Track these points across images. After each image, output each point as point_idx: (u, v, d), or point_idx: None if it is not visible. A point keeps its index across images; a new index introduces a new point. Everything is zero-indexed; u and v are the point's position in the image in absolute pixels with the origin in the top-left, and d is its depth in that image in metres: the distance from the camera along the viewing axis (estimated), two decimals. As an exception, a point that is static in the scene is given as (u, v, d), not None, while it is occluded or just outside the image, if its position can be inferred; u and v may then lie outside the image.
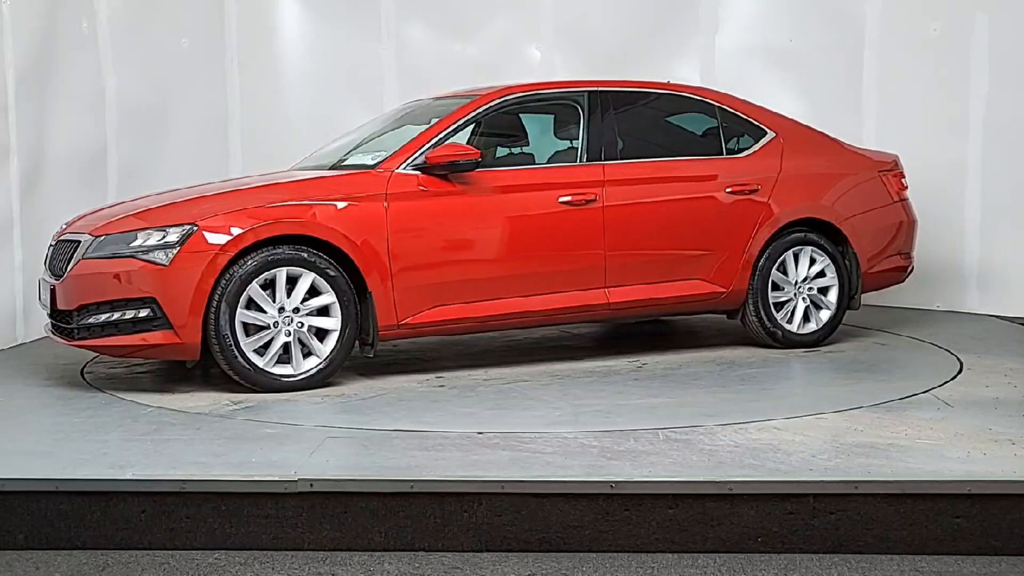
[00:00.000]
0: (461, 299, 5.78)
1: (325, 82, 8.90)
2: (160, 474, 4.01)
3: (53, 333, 5.71)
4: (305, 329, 5.48)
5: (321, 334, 5.54)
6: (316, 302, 5.48)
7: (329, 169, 6.08)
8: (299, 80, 8.96)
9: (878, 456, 4.11)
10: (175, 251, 5.31)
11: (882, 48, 8.19)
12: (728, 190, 6.33)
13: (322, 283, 5.47)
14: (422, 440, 4.42)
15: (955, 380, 5.59)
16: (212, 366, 5.81)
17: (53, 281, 5.66)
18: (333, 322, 5.51)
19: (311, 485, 3.89)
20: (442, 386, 5.63)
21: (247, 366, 5.37)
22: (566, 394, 5.34)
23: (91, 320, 5.41)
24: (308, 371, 5.49)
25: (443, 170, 5.74)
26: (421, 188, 5.73)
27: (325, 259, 5.48)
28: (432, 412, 5.02)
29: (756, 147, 6.52)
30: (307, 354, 5.54)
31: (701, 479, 3.89)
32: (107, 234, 5.49)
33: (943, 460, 4.06)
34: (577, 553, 3.81)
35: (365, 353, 5.71)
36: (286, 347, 5.47)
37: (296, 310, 5.45)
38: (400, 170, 5.74)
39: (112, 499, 3.92)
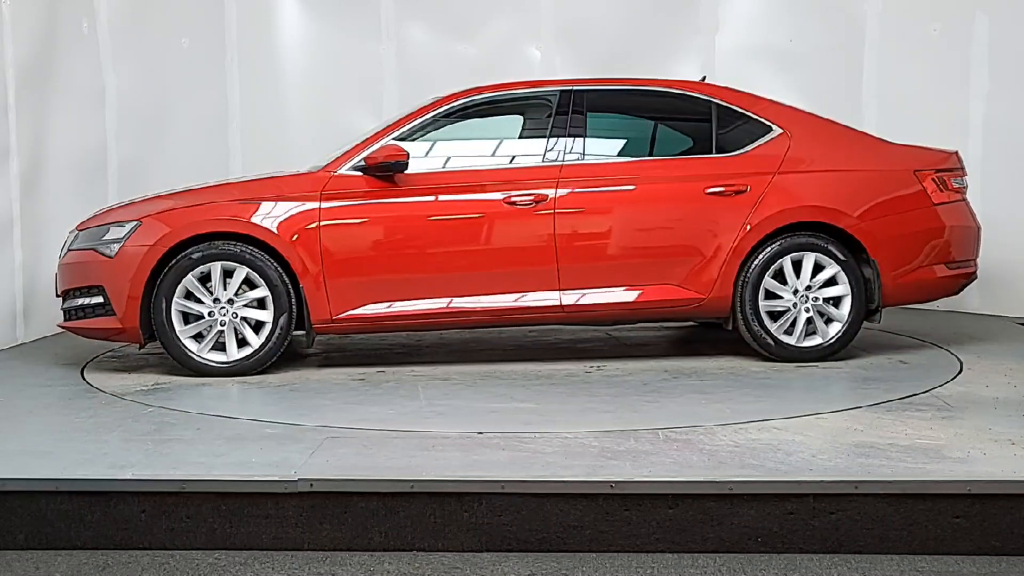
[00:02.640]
0: (398, 297, 5.92)
1: (325, 82, 8.90)
2: (160, 474, 4.01)
3: None
4: (239, 320, 5.86)
5: (260, 326, 5.89)
6: (252, 295, 5.85)
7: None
8: (299, 80, 8.96)
9: (878, 456, 4.11)
10: (120, 245, 5.88)
11: (882, 48, 8.20)
12: (709, 191, 5.98)
13: (256, 277, 5.83)
14: (422, 440, 4.42)
15: (955, 380, 5.58)
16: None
17: None
18: (266, 314, 5.86)
19: (311, 485, 3.89)
20: (361, 379, 5.79)
21: (182, 351, 5.85)
22: (447, 394, 5.35)
23: (69, 304, 6.08)
24: (239, 359, 5.87)
25: (379, 171, 5.92)
26: (367, 189, 5.93)
27: (258, 254, 5.82)
28: (286, 403, 5.26)
29: (754, 145, 6.13)
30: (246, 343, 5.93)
31: (701, 479, 3.89)
32: (84, 229, 6.13)
33: (943, 460, 4.06)
34: (577, 553, 3.82)
35: (307, 345, 6.09)
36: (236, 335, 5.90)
37: (231, 301, 5.85)
38: (342, 171, 5.98)
39: (112, 499, 3.92)
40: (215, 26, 8.75)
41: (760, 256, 5.99)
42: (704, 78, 6.79)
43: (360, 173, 5.95)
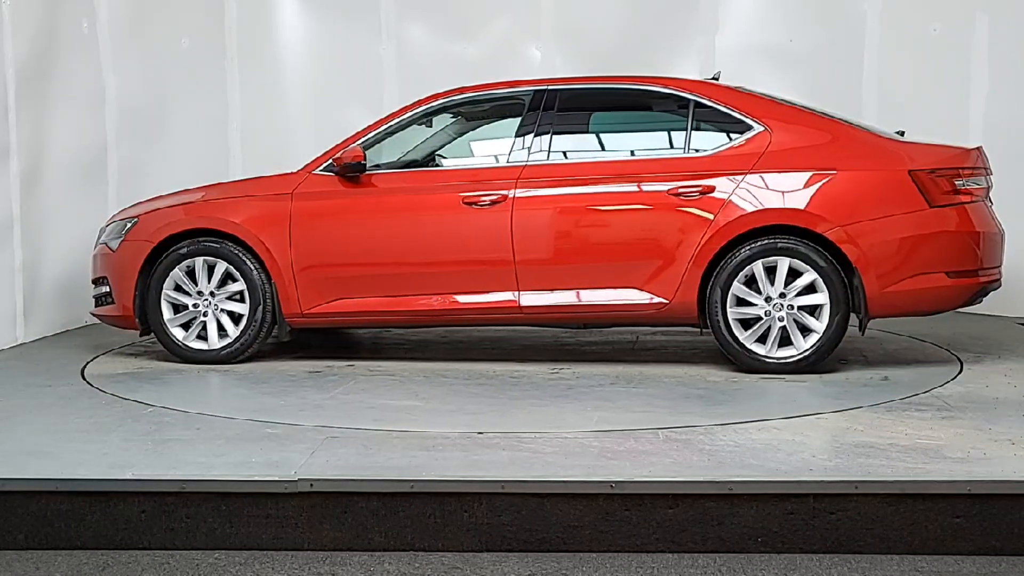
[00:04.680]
0: (360, 294, 6.08)
1: (325, 82, 8.90)
2: (160, 474, 4.01)
3: None
4: (219, 311, 6.21)
5: (242, 318, 6.21)
6: (231, 288, 6.18)
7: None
8: (299, 80, 8.96)
9: (878, 456, 4.11)
10: (120, 240, 6.35)
11: (882, 48, 8.19)
12: (673, 192, 5.75)
13: (234, 271, 6.16)
14: (422, 440, 4.42)
15: (955, 380, 5.58)
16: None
17: None
18: (244, 307, 6.17)
19: (311, 485, 3.89)
20: (316, 372, 6.02)
21: (170, 339, 6.24)
22: (365, 389, 5.50)
23: (94, 293, 6.54)
24: (219, 348, 6.20)
25: (346, 172, 6.09)
26: (335, 189, 6.12)
27: (237, 250, 6.14)
28: (207, 390, 5.70)
29: (730, 143, 5.83)
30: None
31: (701, 479, 3.89)
32: (108, 224, 6.59)
33: (943, 460, 4.06)
34: (577, 553, 3.81)
35: (281, 337, 6.29)
36: (219, 325, 6.24)
37: (212, 294, 6.20)
38: (319, 171, 6.19)
39: (112, 499, 3.92)
40: (215, 26, 8.75)
41: (729, 260, 5.69)
42: (718, 74, 6.65)
43: (332, 174, 6.14)
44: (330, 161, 6.15)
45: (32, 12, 7.19)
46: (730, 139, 5.88)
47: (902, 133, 6.20)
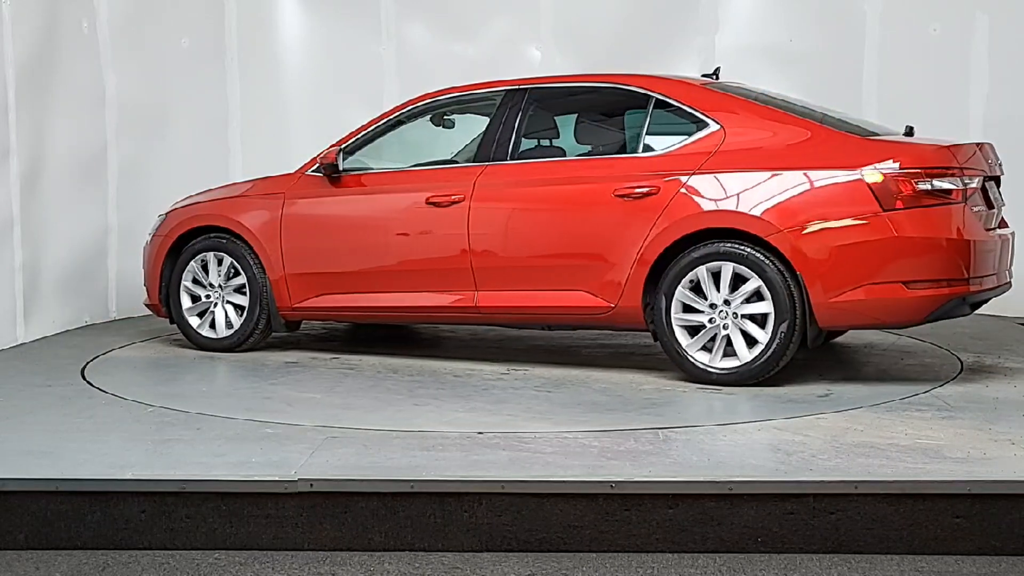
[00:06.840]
0: (339, 290, 6.31)
1: (325, 82, 8.90)
2: (160, 474, 4.01)
3: None
4: (226, 303, 6.60)
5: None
6: (236, 282, 6.55)
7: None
8: (299, 80, 8.95)
9: (878, 456, 4.11)
10: (152, 235, 6.87)
11: (882, 48, 8.19)
12: (617, 193, 5.58)
13: (237, 266, 6.53)
14: (422, 440, 4.42)
15: (955, 380, 5.59)
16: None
17: None
18: (244, 299, 6.52)
19: (311, 485, 3.89)
20: (293, 363, 6.30)
21: (187, 326, 6.69)
22: (300, 381, 5.77)
23: (143, 281, 6.93)
24: (225, 336, 6.58)
25: (326, 173, 6.33)
26: (320, 188, 6.36)
27: (240, 246, 6.50)
28: (165, 375, 6.12)
29: (681, 143, 5.59)
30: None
31: (701, 479, 3.89)
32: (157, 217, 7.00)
33: (943, 460, 4.06)
34: (577, 553, 3.82)
35: (276, 329, 6.60)
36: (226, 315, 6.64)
37: (221, 287, 6.59)
38: (310, 172, 6.45)
39: (112, 499, 3.93)
40: (215, 26, 8.75)
41: (673, 264, 5.45)
42: (718, 70, 6.58)
43: (321, 174, 6.37)
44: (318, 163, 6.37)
45: (32, 12, 7.19)
46: (685, 138, 5.63)
47: (910, 131, 5.78)
